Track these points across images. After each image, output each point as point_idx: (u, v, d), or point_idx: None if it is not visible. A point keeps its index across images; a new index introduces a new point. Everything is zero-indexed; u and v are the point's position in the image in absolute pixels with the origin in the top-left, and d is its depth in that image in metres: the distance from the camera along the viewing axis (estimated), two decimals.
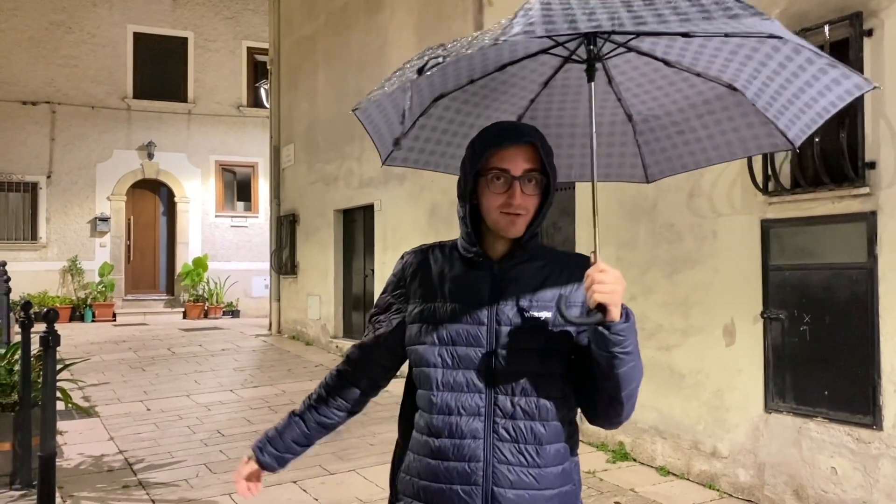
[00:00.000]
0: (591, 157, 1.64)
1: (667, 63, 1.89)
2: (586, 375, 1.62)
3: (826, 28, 4.24)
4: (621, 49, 1.83)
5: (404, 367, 1.81)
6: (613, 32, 1.64)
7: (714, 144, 2.06)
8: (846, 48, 4.21)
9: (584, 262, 1.62)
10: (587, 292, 1.49)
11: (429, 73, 1.52)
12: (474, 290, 1.68)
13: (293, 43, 12.97)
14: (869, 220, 4.12)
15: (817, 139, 4.26)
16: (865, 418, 4.14)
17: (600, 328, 1.50)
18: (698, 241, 5.17)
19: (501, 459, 1.61)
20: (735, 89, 1.92)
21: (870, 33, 4.11)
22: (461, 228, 1.71)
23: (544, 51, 1.88)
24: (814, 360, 4.42)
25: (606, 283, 1.48)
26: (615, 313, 1.48)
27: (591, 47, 1.70)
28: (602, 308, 1.49)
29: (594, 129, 1.65)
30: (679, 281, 5.31)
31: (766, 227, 4.68)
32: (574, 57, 1.86)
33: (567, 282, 1.67)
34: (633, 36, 1.77)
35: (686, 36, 1.70)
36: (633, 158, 2.19)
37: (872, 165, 4.10)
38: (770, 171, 4.58)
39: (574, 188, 6.30)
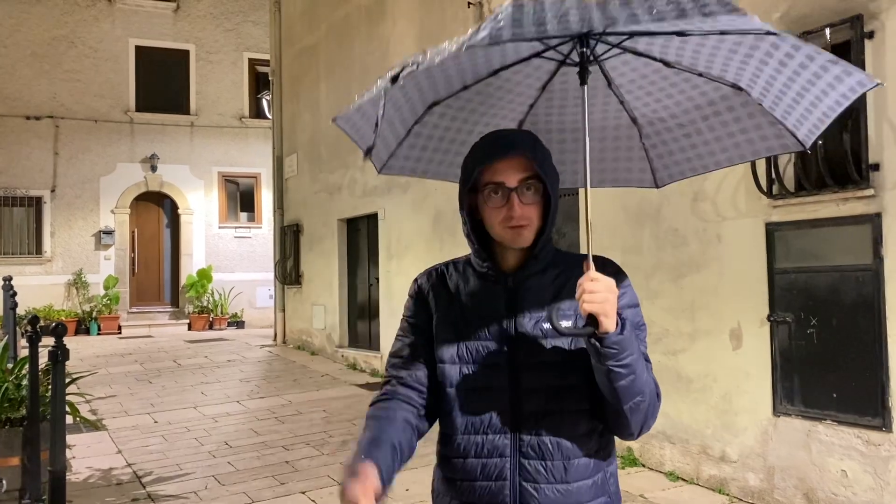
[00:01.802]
0: (585, 163, 1.60)
1: (666, 63, 1.83)
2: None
3: (827, 31, 4.25)
4: (616, 50, 1.78)
5: None
6: (588, 35, 1.60)
7: (722, 147, 1.99)
8: (847, 50, 4.22)
9: (599, 265, 1.54)
10: (579, 302, 1.43)
11: (401, 81, 1.48)
12: (490, 305, 1.64)
13: (295, 54, 13.02)
14: (874, 222, 4.12)
15: (820, 142, 4.26)
16: (875, 420, 4.13)
17: (592, 340, 1.44)
18: (703, 245, 5.17)
19: (528, 477, 1.58)
20: (740, 89, 1.85)
21: (871, 35, 4.12)
22: (470, 245, 1.68)
23: (537, 54, 1.82)
24: (821, 362, 4.41)
25: (597, 293, 1.41)
26: (607, 324, 1.41)
27: (584, 49, 1.64)
28: (593, 319, 1.42)
29: (587, 133, 1.61)
30: (685, 285, 5.31)
31: (771, 230, 4.68)
32: (568, 60, 1.80)
33: (572, 286, 1.56)
34: (626, 37, 1.71)
35: (680, 35, 1.64)
36: (640, 163, 2.12)
37: (876, 167, 4.11)
38: (774, 174, 4.59)
39: (577, 194, 6.31)
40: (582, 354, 1.55)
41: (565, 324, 1.55)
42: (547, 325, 1.58)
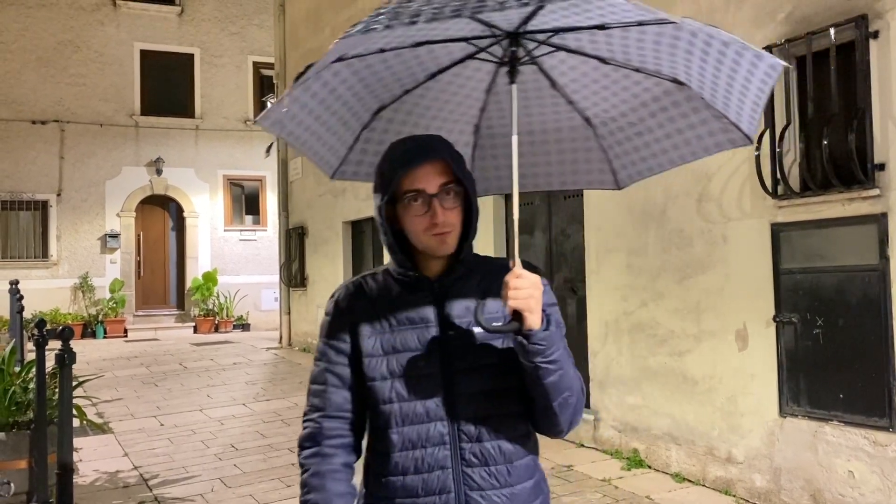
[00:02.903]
0: (513, 162, 1.60)
1: (601, 60, 1.83)
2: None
3: (832, 31, 4.25)
4: (547, 48, 1.78)
5: None
6: (516, 35, 1.63)
7: (674, 144, 2.00)
8: (852, 51, 4.21)
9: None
10: (504, 299, 1.43)
11: (306, 77, 1.49)
12: (418, 314, 1.59)
13: (299, 57, 13.04)
14: (880, 222, 4.11)
15: (825, 141, 4.26)
16: (881, 421, 4.11)
17: (519, 337, 1.44)
18: (708, 246, 5.16)
19: (473, 486, 1.54)
20: (681, 83, 1.84)
21: (875, 35, 4.12)
22: (392, 256, 1.63)
23: (471, 56, 1.83)
24: (828, 363, 4.40)
25: (522, 289, 1.41)
26: (532, 321, 1.42)
27: (512, 49, 1.65)
28: (519, 316, 1.42)
29: (515, 132, 1.60)
30: (690, 286, 5.30)
31: (777, 230, 4.67)
32: (504, 60, 1.77)
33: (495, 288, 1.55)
34: (551, 33, 1.73)
35: (601, 28, 1.66)
36: (600, 164, 2.12)
37: (882, 167, 4.09)
38: (779, 175, 4.58)
39: (582, 195, 6.31)
40: (515, 355, 1.52)
41: (493, 323, 1.53)
42: (477, 329, 1.54)
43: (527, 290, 1.41)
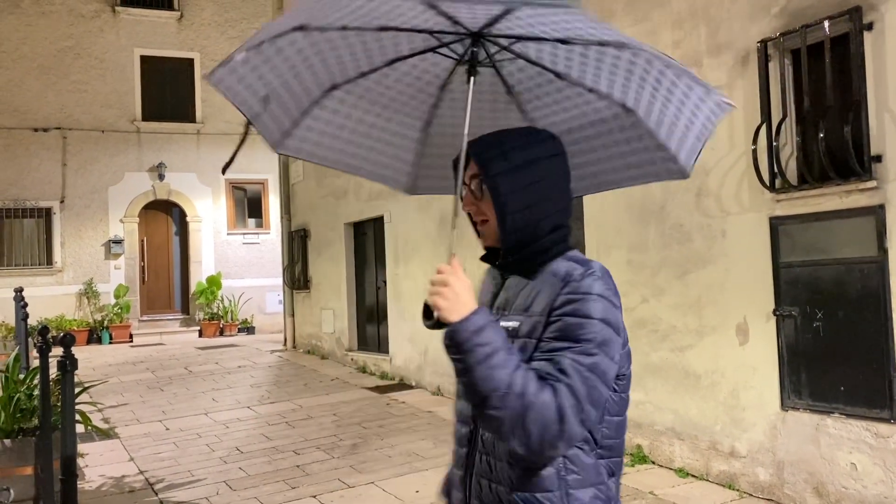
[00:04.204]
0: (460, 162, 1.61)
1: (557, 75, 1.84)
2: None
3: (826, 24, 4.25)
4: (509, 55, 1.80)
5: None
6: (480, 35, 1.67)
7: (614, 167, 1.98)
8: (846, 43, 4.21)
9: (564, 274, 1.55)
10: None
11: (260, 38, 1.53)
12: (483, 298, 1.73)
13: None
14: (878, 214, 4.11)
15: (822, 134, 4.26)
16: (883, 413, 4.11)
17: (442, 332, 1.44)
18: (708, 241, 5.16)
19: (480, 471, 1.58)
20: (629, 109, 1.84)
21: (870, 27, 4.11)
22: None
23: (431, 49, 1.83)
24: (828, 355, 4.40)
25: (434, 285, 1.42)
26: (442, 315, 1.40)
27: (475, 48, 1.69)
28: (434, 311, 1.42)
29: (467, 128, 1.61)
30: (691, 281, 5.30)
31: (775, 224, 4.67)
32: (464, 59, 1.78)
33: (539, 292, 1.55)
34: (514, 39, 1.74)
35: (564, 42, 1.67)
36: None
37: (878, 159, 4.09)
38: (776, 168, 4.58)
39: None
40: (522, 354, 1.48)
41: (510, 323, 1.54)
42: (508, 324, 1.54)
43: (436, 287, 1.42)
